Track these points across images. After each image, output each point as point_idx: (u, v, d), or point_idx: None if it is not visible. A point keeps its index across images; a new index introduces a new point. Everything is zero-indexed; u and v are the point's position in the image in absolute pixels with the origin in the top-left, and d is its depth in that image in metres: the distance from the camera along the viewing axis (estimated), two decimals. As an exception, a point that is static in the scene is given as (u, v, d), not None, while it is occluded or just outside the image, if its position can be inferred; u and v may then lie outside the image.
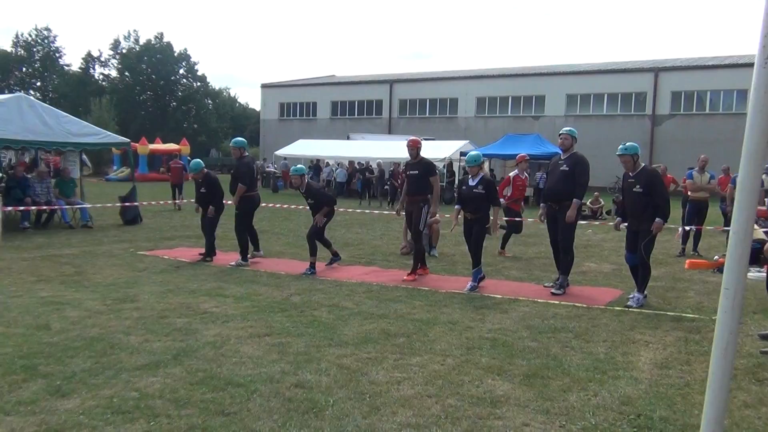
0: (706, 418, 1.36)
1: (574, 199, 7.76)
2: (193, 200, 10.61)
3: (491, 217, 8.39)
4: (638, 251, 7.18)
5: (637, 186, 7.20)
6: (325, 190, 9.79)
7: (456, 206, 8.57)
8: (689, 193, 12.05)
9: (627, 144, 7.50)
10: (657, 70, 35.88)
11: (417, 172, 8.92)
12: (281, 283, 8.42)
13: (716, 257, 10.46)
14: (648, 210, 7.10)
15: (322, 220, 9.33)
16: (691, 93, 34.86)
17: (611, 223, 9.22)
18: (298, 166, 9.79)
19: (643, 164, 7.43)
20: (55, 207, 13.90)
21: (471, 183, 8.21)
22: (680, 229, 12.01)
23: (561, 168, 7.89)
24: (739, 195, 1.41)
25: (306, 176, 9.57)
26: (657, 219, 7.06)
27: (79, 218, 14.27)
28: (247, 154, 10.21)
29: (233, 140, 10.33)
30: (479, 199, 8.14)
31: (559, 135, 8.21)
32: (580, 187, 7.78)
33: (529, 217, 12.62)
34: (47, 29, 67.11)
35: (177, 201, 19.67)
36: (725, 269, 1.40)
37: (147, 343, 5.46)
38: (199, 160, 10.90)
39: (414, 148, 8.94)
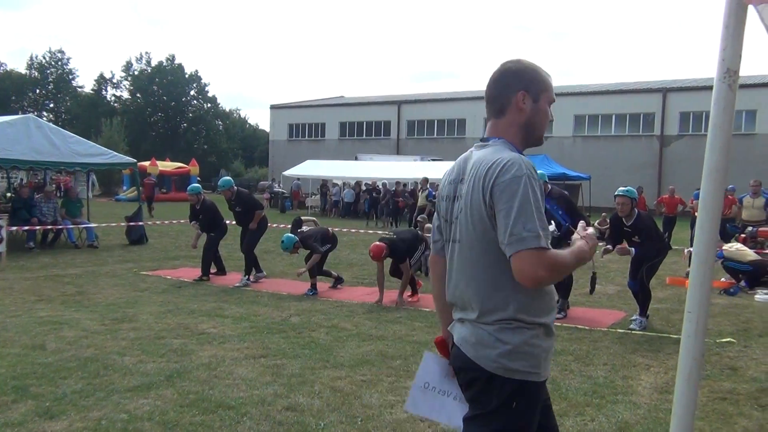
0: (671, 449, 1.30)
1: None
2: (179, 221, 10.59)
3: None
4: (639, 274, 7.11)
5: (635, 237, 7.13)
6: (318, 240, 9.31)
7: None
8: (696, 213, 11.94)
9: (627, 187, 7.35)
10: (665, 91, 35.83)
11: None
12: (282, 303, 8.37)
13: (723, 278, 10.34)
14: (650, 251, 7.06)
15: (311, 264, 9.17)
16: (700, 113, 34.71)
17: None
18: (287, 236, 9.21)
19: (637, 211, 7.20)
20: (61, 227, 13.96)
21: None
22: (686, 250, 11.88)
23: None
24: (701, 215, 1.37)
25: (297, 244, 9.18)
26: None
27: (85, 238, 14.32)
28: (236, 188, 10.16)
29: (223, 182, 10.07)
30: None
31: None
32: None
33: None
34: (61, 51, 68.26)
35: (151, 211, 21.40)
36: (688, 292, 1.35)
37: (141, 364, 5.42)
38: (197, 185, 10.97)
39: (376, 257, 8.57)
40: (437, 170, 29.07)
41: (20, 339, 6.17)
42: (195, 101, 69.19)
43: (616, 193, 7.32)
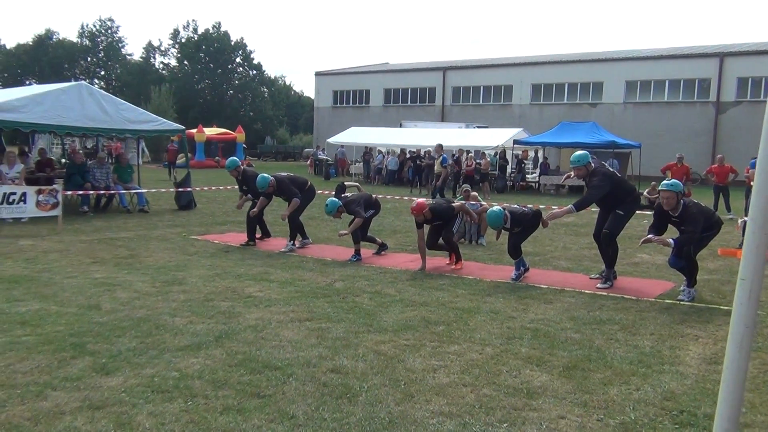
0: (720, 416, 1.27)
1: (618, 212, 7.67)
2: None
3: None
4: (684, 252, 6.90)
5: (683, 227, 6.92)
6: (361, 205, 9.47)
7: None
8: (751, 183, 11.53)
9: (672, 180, 7.12)
10: (722, 55, 34.38)
11: None
12: (326, 269, 8.48)
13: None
14: (696, 237, 6.88)
15: (353, 228, 9.24)
16: (759, 79, 33.29)
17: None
18: (330, 200, 9.40)
19: (683, 201, 6.97)
20: (113, 192, 14.36)
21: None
22: (740, 220, 11.52)
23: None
24: (758, 180, 1.31)
25: (341, 208, 9.34)
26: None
27: (136, 203, 14.71)
28: (274, 179, 10.06)
29: (261, 182, 9.95)
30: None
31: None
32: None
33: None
34: (110, 20, 69.61)
35: (172, 177, 23.16)
36: (742, 259, 1.31)
37: (191, 325, 5.59)
38: (234, 158, 11.10)
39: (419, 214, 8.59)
40: (482, 137, 28.79)
41: (77, 299, 6.43)
42: (241, 68, 69.68)
43: (660, 187, 7.12)
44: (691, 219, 6.82)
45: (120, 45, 70.03)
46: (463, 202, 10.44)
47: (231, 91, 68.43)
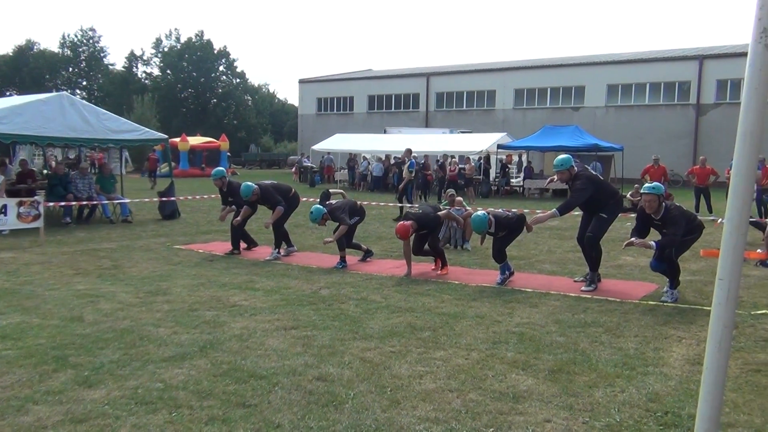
0: (701, 416, 1.28)
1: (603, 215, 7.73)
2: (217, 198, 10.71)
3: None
4: (665, 255, 6.97)
5: (665, 229, 6.98)
6: (346, 212, 9.43)
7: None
8: (732, 184, 11.66)
9: (653, 183, 7.22)
10: (702, 58, 34.81)
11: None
12: (312, 276, 8.45)
13: (759, 250, 10.12)
14: (677, 240, 6.93)
15: (339, 235, 9.23)
16: (738, 81, 33.69)
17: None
18: (315, 207, 9.26)
19: (664, 204, 7.03)
20: (96, 202, 14.24)
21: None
22: (719, 220, 11.65)
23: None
24: (734, 179, 1.33)
25: (326, 215, 9.26)
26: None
27: (119, 213, 14.59)
28: (258, 187, 9.99)
29: (245, 190, 9.88)
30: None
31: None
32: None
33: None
34: (92, 30, 69.12)
35: (153, 185, 25.12)
36: (720, 259, 1.32)
37: (175, 336, 5.55)
38: (221, 168, 11.05)
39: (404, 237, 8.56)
40: (466, 142, 28.90)
41: (59, 311, 6.36)
42: (224, 77, 69.34)
43: (642, 190, 7.21)
44: (672, 222, 6.88)
45: (102, 55, 69.52)
46: (449, 208, 10.46)
47: (214, 100, 68.07)
